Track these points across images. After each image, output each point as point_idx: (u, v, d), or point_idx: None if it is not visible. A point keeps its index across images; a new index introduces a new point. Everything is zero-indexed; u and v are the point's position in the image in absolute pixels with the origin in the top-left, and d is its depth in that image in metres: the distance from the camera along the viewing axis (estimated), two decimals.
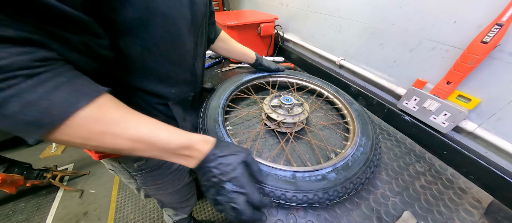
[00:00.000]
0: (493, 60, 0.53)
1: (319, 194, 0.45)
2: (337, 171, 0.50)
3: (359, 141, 0.57)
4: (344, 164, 0.51)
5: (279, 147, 0.63)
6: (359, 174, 0.50)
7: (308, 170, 0.49)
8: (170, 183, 0.71)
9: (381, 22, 0.76)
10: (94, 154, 0.52)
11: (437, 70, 0.65)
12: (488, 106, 0.57)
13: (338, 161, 0.51)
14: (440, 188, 0.57)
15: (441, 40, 0.62)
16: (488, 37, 0.51)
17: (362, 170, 0.51)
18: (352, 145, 0.56)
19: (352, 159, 0.52)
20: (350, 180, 0.48)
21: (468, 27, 0.56)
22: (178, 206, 0.86)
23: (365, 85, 0.91)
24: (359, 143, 0.57)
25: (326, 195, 0.46)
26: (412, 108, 0.70)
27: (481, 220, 0.51)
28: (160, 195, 0.74)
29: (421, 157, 0.66)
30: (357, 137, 0.58)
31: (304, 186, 0.46)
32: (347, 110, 0.71)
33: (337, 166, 0.50)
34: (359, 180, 0.49)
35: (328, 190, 0.46)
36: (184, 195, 0.82)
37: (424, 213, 0.52)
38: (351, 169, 0.51)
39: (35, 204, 1.60)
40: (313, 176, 0.48)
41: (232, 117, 0.77)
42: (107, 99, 0.28)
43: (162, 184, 0.69)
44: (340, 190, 0.47)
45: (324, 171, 0.49)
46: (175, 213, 0.94)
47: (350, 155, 0.53)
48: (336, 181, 0.47)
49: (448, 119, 0.62)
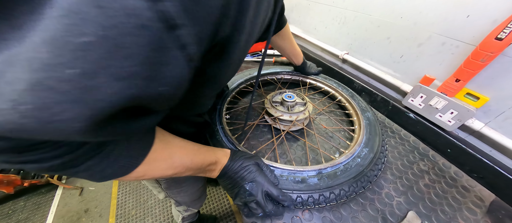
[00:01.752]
0: (506, 58, 0.51)
1: (291, 196, 0.44)
2: (320, 177, 0.46)
3: (359, 151, 0.53)
4: (332, 171, 0.48)
5: (269, 142, 0.62)
6: (344, 186, 0.46)
7: (289, 169, 0.47)
8: (191, 185, 0.73)
9: (389, 14, 0.73)
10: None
11: (446, 67, 0.62)
12: (497, 105, 0.56)
13: (326, 167, 0.48)
14: (443, 187, 0.57)
15: (452, 35, 0.59)
16: (503, 34, 0.48)
17: (350, 182, 0.47)
18: (349, 153, 0.52)
19: (343, 168, 0.49)
20: (331, 189, 0.45)
21: (482, 22, 0.53)
22: (191, 203, 0.89)
23: (369, 80, 0.89)
24: (357, 154, 0.53)
25: (299, 199, 0.43)
26: (418, 105, 0.68)
27: (484, 218, 0.51)
28: (181, 197, 0.77)
29: (425, 155, 0.65)
30: (358, 146, 0.54)
31: (280, 184, 0.45)
32: (357, 117, 0.66)
33: (323, 172, 0.47)
34: (343, 192, 0.46)
35: (302, 193, 0.44)
36: (200, 193, 0.85)
37: (428, 213, 0.52)
38: (338, 178, 0.47)
39: (34, 202, 1.59)
40: (292, 176, 0.46)
41: (235, 107, 0.77)
42: (157, 142, 0.31)
43: (185, 187, 0.71)
44: (316, 197, 0.44)
45: (306, 173, 0.47)
46: (186, 209, 0.97)
47: (341, 164, 0.49)
48: (315, 186, 0.44)
49: (455, 117, 0.60)
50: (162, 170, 0.34)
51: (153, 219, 1.46)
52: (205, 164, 0.40)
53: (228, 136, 0.57)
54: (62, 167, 0.21)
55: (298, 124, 0.65)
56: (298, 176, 0.45)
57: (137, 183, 1.70)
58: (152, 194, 1.61)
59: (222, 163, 0.43)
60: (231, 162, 0.43)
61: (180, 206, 0.93)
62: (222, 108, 0.68)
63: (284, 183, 0.45)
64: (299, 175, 0.46)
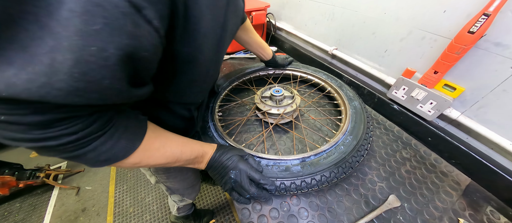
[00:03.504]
0: (479, 50, 0.55)
1: (275, 183, 0.47)
2: (304, 164, 0.49)
3: (343, 139, 0.55)
4: (315, 159, 0.50)
5: (258, 135, 0.66)
6: (326, 172, 0.48)
7: (274, 159, 0.50)
8: (179, 172, 0.77)
9: (373, 10, 0.75)
10: None
11: (426, 60, 0.66)
12: (472, 95, 0.59)
13: (309, 155, 0.50)
14: (423, 172, 0.61)
15: (431, 29, 0.63)
16: (475, 27, 0.51)
17: (332, 169, 0.49)
18: (333, 142, 0.54)
19: (325, 156, 0.51)
20: (313, 175, 0.47)
21: (457, 17, 0.56)
22: (185, 193, 0.91)
23: (357, 75, 0.92)
24: (341, 141, 0.55)
25: (283, 185, 0.46)
26: (401, 97, 0.72)
27: (459, 200, 0.56)
28: (170, 183, 0.80)
29: (408, 144, 0.69)
30: (342, 135, 0.56)
31: (265, 172, 0.48)
32: (344, 107, 0.68)
33: (306, 160, 0.50)
34: (325, 178, 0.48)
35: (285, 180, 0.47)
36: (191, 182, 0.88)
37: (408, 196, 0.56)
38: (320, 165, 0.49)
39: (31, 203, 1.59)
40: (277, 165, 0.49)
41: (227, 104, 0.79)
42: (149, 132, 0.36)
43: (172, 173, 0.75)
44: (299, 183, 0.47)
45: (290, 162, 0.49)
46: (180, 199, 0.99)
47: (325, 152, 0.51)
48: (298, 173, 0.47)
49: (434, 107, 0.64)
50: (156, 159, 0.38)
51: (151, 216, 1.48)
52: (193, 155, 0.44)
53: (219, 131, 0.59)
54: (75, 145, 0.26)
55: (286, 116, 0.68)
56: (282, 164, 0.48)
57: (134, 181, 1.72)
58: (149, 192, 1.63)
59: (209, 155, 0.47)
60: (217, 154, 0.47)
61: (174, 195, 0.96)
62: (215, 106, 0.70)
63: (269, 171, 0.48)
64: (283, 163, 0.49)
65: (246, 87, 0.89)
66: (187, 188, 0.89)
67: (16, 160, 1.56)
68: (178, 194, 0.93)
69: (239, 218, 0.50)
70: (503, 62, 0.52)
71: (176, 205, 1.05)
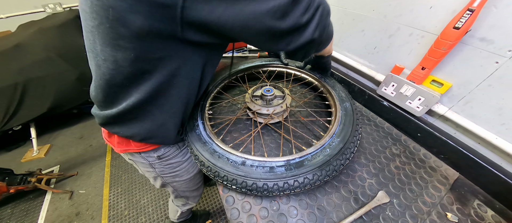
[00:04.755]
0: (465, 46, 0.55)
1: (257, 183, 0.46)
2: (288, 166, 0.48)
3: (330, 142, 0.54)
4: (300, 161, 0.49)
5: (246, 135, 0.65)
6: (309, 175, 0.47)
7: (259, 160, 0.49)
8: (185, 170, 0.75)
9: (362, 7, 0.76)
10: (116, 147, 0.59)
11: (414, 56, 0.66)
12: (459, 90, 0.60)
13: (294, 158, 0.50)
14: (413, 168, 0.62)
15: (418, 26, 0.63)
16: (460, 23, 0.52)
17: (315, 171, 0.48)
18: (319, 145, 0.53)
19: (310, 158, 0.50)
20: (296, 177, 0.47)
21: (443, 13, 0.57)
22: (190, 195, 0.90)
23: (348, 72, 0.92)
24: (328, 144, 0.53)
25: (265, 186, 0.46)
26: (390, 94, 0.72)
27: (447, 195, 0.56)
28: (176, 183, 0.78)
29: (397, 140, 0.69)
30: (329, 137, 0.55)
31: (249, 172, 0.48)
32: (335, 108, 0.66)
33: (291, 162, 0.49)
34: (307, 180, 0.47)
35: (268, 181, 0.46)
36: (196, 183, 0.86)
37: (397, 192, 0.56)
38: (304, 167, 0.48)
39: (23, 209, 1.56)
40: (261, 166, 0.48)
41: (218, 102, 0.79)
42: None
43: (179, 171, 0.73)
44: (281, 184, 0.46)
45: (274, 164, 0.49)
46: (184, 203, 0.98)
47: (310, 154, 0.51)
48: (281, 175, 0.47)
49: (422, 103, 0.65)
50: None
51: (146, 218, 1.47)
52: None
53: (207, 130, 0.58)
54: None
55: (276, 116, 0.67)
56: (267, 166, 0.48)
57: (129, 183, 1.70)
58: (144, 194, 1.61)
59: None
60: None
61: (178, 199, 0.94)
62: (205, 104, 0.69)
63: (253, 172, 0.47)
64: (268, 165, 0.48)
65: (239, 85, 0.87)
66: (193, 190, 0.88)
67: (6, 165, 1.53)
68: (183, 197, 0.92)
69: (228, 217, 0.50)
70: (488, 57, 0.52)
71: (179, 210, 1.03)
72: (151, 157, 0.64)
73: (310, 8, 0.34)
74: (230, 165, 0.49)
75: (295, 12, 0.33)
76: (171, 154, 0.67)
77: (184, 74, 0.44)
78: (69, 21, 1.92)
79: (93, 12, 0.33)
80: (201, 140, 0.56)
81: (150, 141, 0.56)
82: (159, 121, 0.51)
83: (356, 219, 0.49)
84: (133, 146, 0.59)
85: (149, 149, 0.61)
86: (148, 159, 0.64)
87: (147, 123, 0.50)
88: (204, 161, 0.52)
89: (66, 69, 1.77)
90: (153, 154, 0.63)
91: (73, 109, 2.14)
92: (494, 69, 0.52)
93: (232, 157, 0.51)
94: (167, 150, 0.65)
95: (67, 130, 2.25)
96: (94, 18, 0.34)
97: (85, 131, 2.23)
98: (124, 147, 0.59)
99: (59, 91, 1.76)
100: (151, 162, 0.65)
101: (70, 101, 1.88)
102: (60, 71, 1.74)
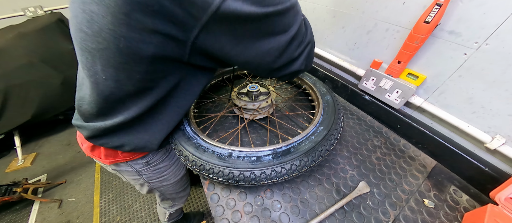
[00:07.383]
0: (436, 39, 0.58)
1: (244, 173, 0.47)
2: (275, 155, 0.49)
3: (314, 130, 0.56)
4: (286, 149, 0.51)
5: (232, 130, 0.66)
6: (296, 161, 0.49)
7: (246, 151, 0.50)
8: (173, 173, 0.76)
9: (341, 4, 0.77)
10: (103, 159, 0.58)
11: (391, 50, 0.69)
12: (433, 82, 0.62)
13: (281, 146, 0.51)
14: (393, 158, 0.64)
15: (393, 21, 0.65)
16: (430, 17, 0.54)
17: (301, 157, 0.49)
18: (304, 133, 0.55)
19: (297, 146, 0.52)
20: (283, 164, 0.48)
21: (415, 8, 0.59)
22: (176, 197, 0.90)
23: (331, 68, 0.94)
24: (313, 132, 0.55)
25: (253, 175, 0.47)
26: (371, 88, 0.74)
27: (425, 182, 0.59)
28: (164, 187, 0.78)
29: (379, 132, 0.72)
30: (314, 126, 0.57)
31: (236, 163, 0.48)
32: (318, 102, 0.69)
33: (278, 151, 0.50)
34: (294, 167, 0.48)
35: (255, 170, 0.47)
36: (182, 184, 0.87)
37: (378, 182, 0.58)
38: (291, 155, 0.50)
39: (9, 221, 1.50)
40: (248, 156, 0.49)
41: (204, 101, 0.80)
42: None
43: (166, 175, 0.73)
44: (268, 172, 0.47)
45: (261, 153, 0.49)
46: (171, 205, 0.98)
47: (296, 142, 0.52)
48: (268, 163, 0.48)
49: (400, 95, 0.67)
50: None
51: (139, 222, 1.45)
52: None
53: (192, 126, 0.58)
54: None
55: (262, 111, 0.69)
56: (254, 156, 0.49)
57: (120, 189, 1.67)
58: (137, 199, 1.59)
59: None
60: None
61: (165, 202, 0.94)
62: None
63: (241, 163, 0.48)
64: (255, 154, 0.49)
65: (224, 85, 0.89)
66: (179, 191, 0.88)
67: None
68: (169, 200, 0.91)
69: (213, 214, 0.50)
70: (457, 49, 0.55)
71: (167, 212, 1.03)
72: (138, 164, 0.63)
73: (302, 44, 0.41)
74: (216, 158, 0.49)
75: (290, 50, 0.39)
76: (158, 159, 0.67)
77: (184, 86, 0.45)
78: (51, 25, 1.85)
79: (99, 37, 0.32)
80: (185, 135, 0.55)
81: (142, 150, 0.54)
82: (153, 130, 0.50)
83: (338, 210, 0.51)
84: (121, 157, 0.58)
85: (137, 157, 0.60)
86: (135, 167, 0.63)
87: (141, 132, 0.49)
88: (189, 156, 0.51)
89: (50, 74, 1.71)
90: (141, 160, 0.63)
91: (59, 116, 2.07)
92: (463, 60, 0.55)
93: (218, 150, 0.51)
94: (155, 154, 0.65)
95: (53, 137, 2.18)
96: (99, 42, 0.33)
97: (73, 137, 2.17)
98: (112, 158, 0.58)
99: (43, 97, 1.70)
100: (138, 169, 0.64)
101: (55, 108, 1.82)
102: (43, 76, 1.68)
